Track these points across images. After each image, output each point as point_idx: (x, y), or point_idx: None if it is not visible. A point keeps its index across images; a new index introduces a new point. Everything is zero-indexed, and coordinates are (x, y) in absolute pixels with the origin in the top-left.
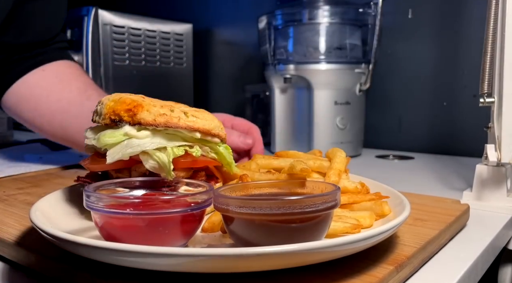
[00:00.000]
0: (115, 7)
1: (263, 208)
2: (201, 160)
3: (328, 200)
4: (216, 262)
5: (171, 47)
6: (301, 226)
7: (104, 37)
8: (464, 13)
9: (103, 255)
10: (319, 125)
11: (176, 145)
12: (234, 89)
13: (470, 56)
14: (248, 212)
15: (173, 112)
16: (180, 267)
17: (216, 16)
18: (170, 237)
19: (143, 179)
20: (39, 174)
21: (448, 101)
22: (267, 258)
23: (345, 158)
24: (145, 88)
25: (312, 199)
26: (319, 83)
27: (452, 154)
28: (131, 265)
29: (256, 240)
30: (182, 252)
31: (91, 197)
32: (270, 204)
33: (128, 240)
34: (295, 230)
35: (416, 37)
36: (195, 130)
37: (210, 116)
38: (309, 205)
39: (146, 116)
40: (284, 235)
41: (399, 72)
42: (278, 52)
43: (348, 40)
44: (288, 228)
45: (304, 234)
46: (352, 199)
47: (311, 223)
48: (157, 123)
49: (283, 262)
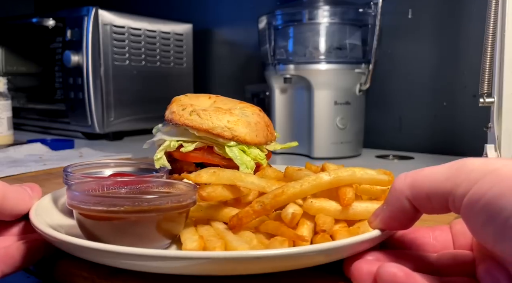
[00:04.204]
0: (115, 7)
1: (92, 204)
2: (193, 155)
3: (138, 202)
4: (219, 265)
5: (171, 47)
6: (116, 224)
7: (104, 37)
8: (464, 13)
9: (101, 257)
10: (319, 125)
11: (176, 139)
12: (234, 89)
13: (470, 56)
14: (76, 205)
15: (183, 110)
16: (186, 269)
17: (216, 16)
18: None
19: (140, 162)
20: (39, 174)
21: (448, 101)
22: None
23: (327, 182)
24: (145, 88)
25: (116, 200)
26: (319, 83)
27: (452, 154)
28: (132, 268)
29: (93, 233)
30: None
31: (68, 176)
32: (93, 200)
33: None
34: (117, 228)
35: (416, 37)
36: (191, 128)
37: (220, 117)
38: (112, 205)
39: (167, 113)
40: (110, 231)
41: (399, 72)
42: (278, 52)
43: (348, 40)
44: (112, 225)
45: (125, 234)
46: (279, 231)
47: (122, 223)
48: (168, 119)
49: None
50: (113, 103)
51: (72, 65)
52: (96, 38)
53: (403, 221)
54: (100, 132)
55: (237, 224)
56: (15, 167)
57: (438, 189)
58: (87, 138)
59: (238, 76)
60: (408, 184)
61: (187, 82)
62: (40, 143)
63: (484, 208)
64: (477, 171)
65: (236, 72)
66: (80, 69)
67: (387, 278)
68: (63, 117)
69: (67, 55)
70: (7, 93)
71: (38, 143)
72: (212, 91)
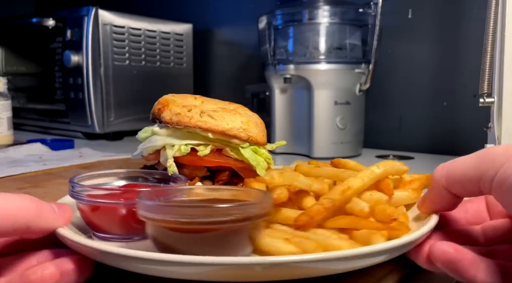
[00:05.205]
0: (115, 7)
1: (168, 215)
2: (208, 159)
3: (230, 213)
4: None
5: (171, 47)
6: (199, 236)
7: (104, 37)
8: (464, 13)
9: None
10: (319, 125)
11: (186, 143)
12: (234, 89)
13: (470, 56)
14: (150, 216)
15: (189, 112)
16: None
17: (216, 16)
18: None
19: (159, 172)
20: (39, 174)
21: (448, 101)
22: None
23: (379, 174)
24: (145, 88)
25: (212, 209)
26: (319, 83)
27: (452, 154)
28: (154, 273)
29: (167, 245)
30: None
31: (75, 187)
32: (171, 211)
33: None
34: (198, 239)
35: (416, 37)
36: (205, 130)
37: (232, 118)
38: (201, 216)
39: (166, 115)
40: (188, 243)
41: (399, 72)
42: (278, 52)
43: (348, 40)
44: (189, 237)
45: (206, 244)
46: (353, 224)
47: (210, 235)
48: (172, 122)
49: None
50: (113, 103)
51: (72, 65)
52: (96, 38)
53: (446, 205)
54: (100, 132)
55: (307, 222)
56: (15, 167)
57: (469, 177)
58: (87, 138)
59: (238, 76)
60: (444, 175)
61: (187, 82)
62: (40, 143)
63: (511, 186)
64: (500, 156)
65: (236, 72)
66: (80, 69)
67: (439, 255)
68: (63, 117)
69: (67, 55)
70: (7, 93)
71: (38, 143)
72: (212, 91)
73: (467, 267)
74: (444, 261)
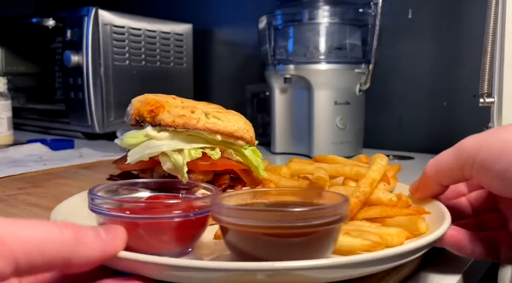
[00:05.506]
0: (115, 7)
1: (252, 220)
2: (221, 163)
3: (327, 214)
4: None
5: (171, 47)
6: (292, 241)
7: (104, 37)
8: (464, 13)
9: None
10: (319, 125)
11: (194, 147)
12: (234, 89)
13: (470, 56)
14: (238, 222)
15: (193, 113)
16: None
17: (216, 16)
18: (170, 242)
19: (160, 180)
20: (39, 174)
21: (448, 101)
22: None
23: (384, 165)
24: (145, 88)
25: (305, 213)
26: (319, 83)
27: None
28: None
29: (251, 253)
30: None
31: (95, 200)
32: (258, 216)
33: (129, 244)
34: (287, 244)
35: (416, 37)
36: (215, 132)
37: (235, 118)
38: (301, 219)
39: (166, 117)
40: (276, 249)
41: (399, 72)
42: (278, 52)
43: (348, 40)
44: (279, 242)
45: (295, 249)
46: (385, 213)
47: (305, 239)
48: (175, 125)
49: None
50: (113, 103)
51: (72, 65)
52: (96, 38)
53: (435, 192)
54: (100, 132)
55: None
56: (15, 167)
57: (452, 169)
58: (87, 138)
59: (238, 76)
60: (433, 170)
61: (187, 82)
62: (40, 143)
63: (487, 170)
64: (474, 147)
65: (236, 72)
66: (80, 69)
67: (447, 238)
68: (63, 117)
69: (67, 55)
70: (7, 93)
71: (38, 143)
72: (212, 91)
73: (467, 244)
74: (451, 243)
